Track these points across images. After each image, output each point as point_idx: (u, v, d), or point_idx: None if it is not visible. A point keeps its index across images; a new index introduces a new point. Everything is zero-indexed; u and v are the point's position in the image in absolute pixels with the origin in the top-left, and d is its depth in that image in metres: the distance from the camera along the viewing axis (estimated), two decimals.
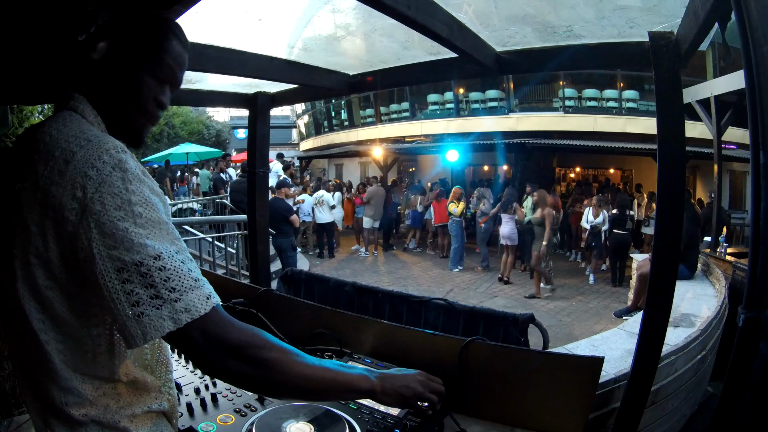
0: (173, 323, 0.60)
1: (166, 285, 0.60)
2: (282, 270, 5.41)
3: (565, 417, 1.13)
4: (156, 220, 0.62)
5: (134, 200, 0.61)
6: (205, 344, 0.64)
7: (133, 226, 0.60)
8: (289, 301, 1.72)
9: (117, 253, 0.59)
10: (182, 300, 0.61)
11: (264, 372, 0.68)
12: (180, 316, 0.61)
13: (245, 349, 0.67)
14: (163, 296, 0.60)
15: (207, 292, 0.64)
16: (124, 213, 0.60)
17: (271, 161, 9.30)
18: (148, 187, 0.64)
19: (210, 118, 20.87)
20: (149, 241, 0.60)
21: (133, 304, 0.59)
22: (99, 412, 0.69)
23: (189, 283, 0.62)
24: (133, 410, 0.72)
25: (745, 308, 1.08)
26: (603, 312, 5.85)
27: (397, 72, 1.91)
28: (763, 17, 0.97)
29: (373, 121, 14.22)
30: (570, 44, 1.53)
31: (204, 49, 1.59)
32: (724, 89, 5.29)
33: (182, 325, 0.61)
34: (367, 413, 1.08)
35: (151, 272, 0.59)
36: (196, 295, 0.62)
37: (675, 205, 1.27)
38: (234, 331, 0.67)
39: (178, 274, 0.61)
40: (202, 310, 0.62)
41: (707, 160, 6.97)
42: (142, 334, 0.60)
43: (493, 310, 1.84)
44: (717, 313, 2.99)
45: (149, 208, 0.62)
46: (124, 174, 0.61)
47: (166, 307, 0.60)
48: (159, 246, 0.61)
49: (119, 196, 0.60)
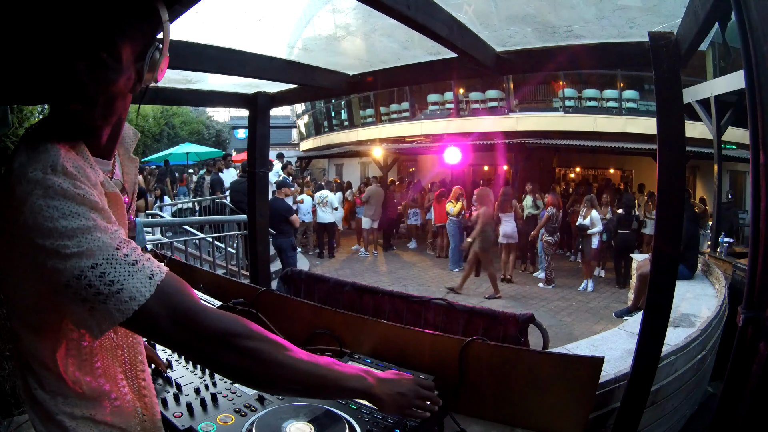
0: (121, 314, 0.62)
1: (103, 280, 0.61)
2: (282, 270, 5.42)
3: (565, 417, 1.13)
4: (82, 227, 0.61)
5: (56, 215, 0.61)
6: (173, 328, 0.65)
7: (60, 239, 0.60)
8: (289, 301, 1.72)
9: (53, 263, 0.60)
10: (124, 289, 0.61)
11: (250, 362, 0.68)
12: (125, 306, 0.61)
13: (226, 337, 0.68)
14: (103, 291, 0.61)
15: (148, 273, 0.64)
16: (48, 230, 0.60)
17: (272, 161, 9.30)
18: (74, 197, 0.62)
19: (210, 118, 20.86)
20: (78, 249, 0.61)
21: (82, 302, 0.61)
22: (50, 402, 0.72)
23: (127, 270, 0.62)
24: (72, 410, 0.72)
25: (745, 308, 1.08)
26: (603, 312, 5.84)
27: (397, 72, 1.91)
28: (763, 17, 0.97)
29: (373, 121, 14.22)
30: (570, 44, 1.54)
31: (204, 49, 1.59)
32: (724, 89, 5.29)
33: (130, 314, 0.62)
34: (367, 413, 1.08)
35: (85, 273, 0.60)
36: (137, 280, 0.63)
37: (675, 205, 1.27)
38: (209, 318, 0.67)
39: (112, 266, 0.62)
40: (147, 293, 0.62)
41: (707, 160, 6.97)
42: (99, 327, 0.63)
43: (493, 310, 1.83)
44: (717, 313, 2.99)
45: (74, 219, 0.61)
46: (45, 191, 0.61)
47: (111, 301, 0.61)
48: (88, 247, 0.61)
49: (41, 213, 0.60)
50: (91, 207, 0.64)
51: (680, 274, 2.57)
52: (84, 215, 0.62)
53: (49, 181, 0.62)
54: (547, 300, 6.43)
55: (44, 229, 0.60)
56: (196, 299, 0.69)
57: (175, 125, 16.87)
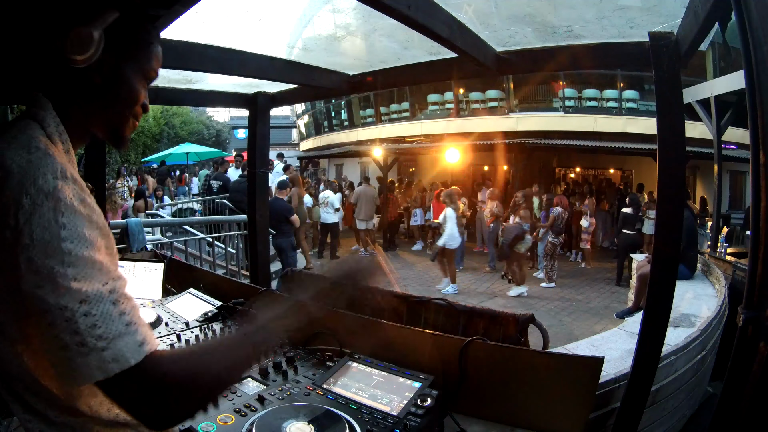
0: (101, 372, 0.56)
1: (92, 332, 0.55)
2: (282, 270, 5.42)
3: (565, 417, 1.13)
4: (87, 258, 0.57)
5: (64, 235, 0.56)
6: (141, 396, 0.59)
7: (60, 265, 0.55)
8: None
9: (42, 293, 0.55)
10: (110, 348, 0.56)
11: (202, 398, 0.65)
12: (108, 366, 0.56)
13: (190, 393, 0.63)
14: (89, 344, 0.55)
15: (140, 339, 0.58)
16: (52, 250, 0.55)
17: (272, 161, 9.31)
18: (85, 217, 0.59)
19: (210, 118, 20.88)
20: (75, 284, 0.56)
21: (61, 348, 0.55)
22: (72, 418, 0.68)
23: (119, 329, 0.57)
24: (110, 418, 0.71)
25: (745, 308, 1.08)
26: (603, 312, 5.84)
27: (397, 72, 1.91)
28: (763, 17, 0.97)
29: (373, 121, 14.22)
30: (570, 44, 1.54)
31: (204, 49, 1.59)
32: (724, 89, 5.29)
33: (111, 375, 0.56)
34: (367, 413, 1.08)
35: (75, 318, 0.55)
36: (126, 343, 0.57)
37: (675, 205, 1.27)
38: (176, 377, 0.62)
39: (105, 320, 0.57)
40: (131, 360, 0.57)
41: (707, 160, 6.98)
42: (73, 378, 0.56)
43: (493, 310, 1.83)
44: (717, 313, 2.99)
45: (80, 244, 0.57)
46: (56, 204, 0.56)
47: (93, 356, 0.55)
48: (87, 289, 0.56)
49: (48, 229, 0.55)
50: (100, 230, 0.60)
51: (680, 274, 2.57)
52: (92, 243, 0.58)
53: (60, 193, 0.57)
54: (547, 300, 6.44)
55: (48, 248, 0.55)
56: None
57: (175, 125, 16.88)
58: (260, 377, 1.26)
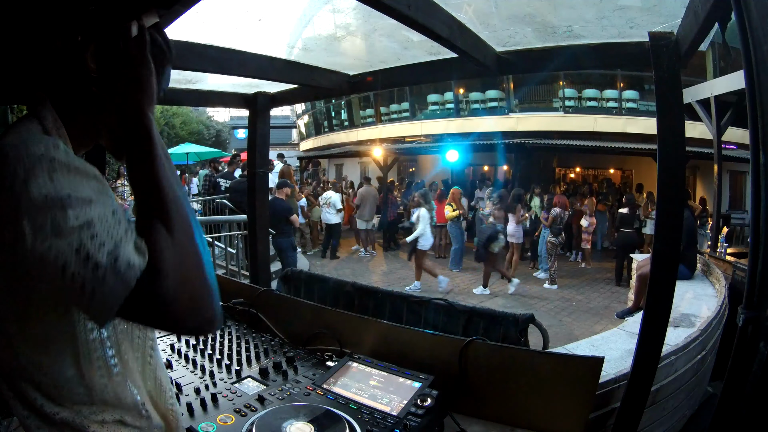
0: (124, 287, 0.57)
1: (103, 250, 0.57)
2: (282, 270, 5.42)
3: (565, 417, 1.13)
4: (85, 198, 0.59)
5: (60, 186, 0.58)
6: (163, 293, 0.59)
7: (61, 210, 0.57)
8: (289, 301, 1.72)
9: (50, 242, 0.56)
10: (120, 257, 0.57)
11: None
12: (127, 276, 0.57)
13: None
14: (101, 262, 0.56)
15: (138, 242, 0.60)
16: (51, 201, 0.57)
17: (273, 161, 9.30)
18: (81, 173, 0.61)
19: (210, 118, 20.87)
20: (77, 221, 0.57)
21: (81, 286, 0.56)
22: (70, 414, 0.69)
23: (121, 234, 0.59)
24: (105, 417, 0.71)
25: (745, 308, 1.08)
26: (603, 312, 5.84)
27: (397, 72, 1.91)
28: (763, 17, 0.97)
29: (373, 122, 14.22)
30: (570, 44, 1.53)
31: (204, 49, 1.59)
32: (724, 89, 5.29)
33: (133, 283, 0.57)
34: (367, 413, 1.08)
35: (84, 244, 0.56)
36: (132, 247, 0.59)
37: (675, 205, 1.27)
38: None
39: (109, 232, 0.58)
40: (143, 262, 0.58)
41: (707, 160, 6.98)
42: (104, 308, 0.58)
43: (493, 310, 1.84)
44: (717, 313, 2.98)
45: (78, 189, 0.59)
46: (50, 164, 0.59)
47: (110, 273, 0.56)
48: (88, 217, 0.58)
49: (45, 186, 0.57)
50: (94, 177, 0.62)
51: (680, 274, 2.57)
52: (86, 186, 0.60)
53: (54, 154, 0.60)
54: (547, 300, 6.43)
55: (47, 201, 0.57)
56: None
57: (175, 125, 16.87)
58: (260, 377, 1.26)
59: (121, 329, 0.77)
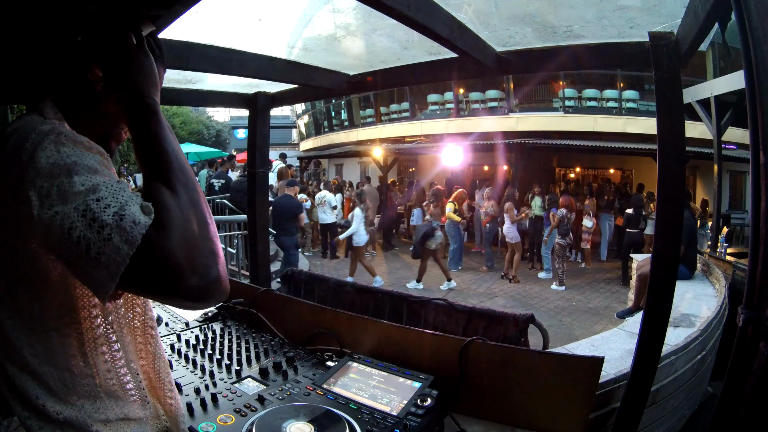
0: (129, 246, 0.57)
1: (108, 211, 0.57)
2: (282, 269, 5.42)
3: (566, 417, 1.13)
4: (90, 166, 0.61)
5: (66, 155, 0.60)
6: (168, 254, 0.58)
7: (67, 176, 0.59)
8: (289, 301, 1.72)
9: (57, 208, 0.58)
10: (126, 216, 0.57)
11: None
12: (133, 233, 0.57)
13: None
14: (107, 222, 0.57)
15: (141, 203, 0.61)
16: (58, 168, 0.59)
17: (273, 161, 9.30)
18: (86, 147, 0.63)
19: (210, 118, 20.87)
20: (82, 186, 0.59)
21: (86, 249, 0.57)
22: (75, 412, 0.69)
23: (126, 198, 0.59)
24: (108, 415, 0.71)
25: (745, 308, 1.08)
26: (603, 312, 5.84)
27: (397, 72, 1.91)
28: (763, 17, 0.97)
29: (373, 121, 14.22)
30: (570, 44, 1.53)
31: (204, 49, 1.59)
32: (724, 89, 5.29)
33: (139, 239, 0.57)
34: (367, 413, 1.08)
35: (90, 208, 0.57)
36: (137, 206, 0.59)
37: (675, 205, 1.27)
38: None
39: (114, 196, 0.59)
40: (148, 219, 0.58)
41: (707, 160, 6.98)
42: (108, 274, 0.57)
43: (493, 310, 1.84)
44: (717, 313, 2.98)
45: (83, 159, 0.61)
46: (57, 137, 0.62)
47: (116, 232, 0.57)
48: (93, 182, 0.59)
49: (51, 156, 0.60)
50: (98, 152, 0.65)
51: (680, 274, 2.57)
52: (91, 158, 0.62)
53: (60, 129, 0.63)
54: (547, 300, 6.43)
55: (54, 169, 0.59)
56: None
57: (175, 125, 16.85)
58: (260, 377, 1.26)
59: (122, 314, 0.77)
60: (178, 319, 1.69)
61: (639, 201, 7.31)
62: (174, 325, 1.64)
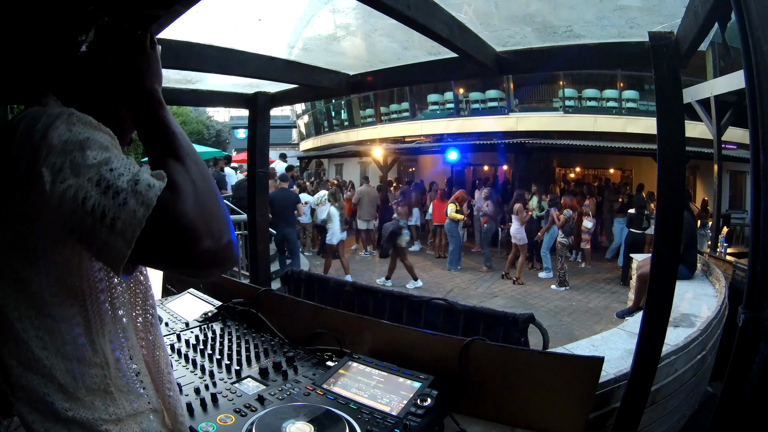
0: (145, 207, 0.57)
1: (122, 178, 0.59)
2: (282, 269, 5.42)
3: (566, 417, 1.13)
4: (102, 143, 0.62)
5: (78, 132, 0.62)
6: (183, 220, 0.59)
7: (80, 151, 0.60)
8: (289, 301, 1.72)
9: (70, 181, 0.58)
10: (141, 180, 0.59)
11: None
12: (148, 195, 0.58)
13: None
14: (122, 187, 0.58)
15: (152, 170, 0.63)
16: (71, 145, 0.60)
17: (273, 161, 9.31)
18: (96, 128, 0.65)
19: (210, 118, 20.85)
20: (95, 160, 0.60)
21: (101, 216, 0.57)
22: (85, 411, 0.68)
23: (138, 168, 0.61)
24: (117, 413, 0.71)
25: (745, 308, 1.08)
26: (603, 312, 5.84)
27: (397, 72, 1.91)
28: (763, 17, 0.97)
29: (373, 121, 14.22)
30: (570, 44, 1.53)
31: (204, 49, 1.59)
32: (724, 89, 5.28)
33: (154, 201, 0.58)
34: (367, 413, 1.08)
35: (104, 177, 0.59)
36: (149, 174, 0.61)
37: (675, 206, 1.27)
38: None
39: (126, 167, 0.60)
40: (162, 183, 0.60)
41: (707, 160, 6.98)
42: (124, 240, 0.57)
43: (493, 310, 1.84)
44: (717, 313, 2.98)
45: (95, 135, 0.63)
46: (68, 117, 0.63)
47: (131, 196, 0.58)
48: (105, 156, 0.61)
49: (64, 134, 0.61)
50: (108, 133, 0.66)
51: (680, 274, 2.57)
52: (103, 137, 0.64)
53: (70, 110, 0.65)
54: (547, 300, 6.43)
55: (67, 145, 0.60)
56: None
57: None
58: (260, 377, 1.26)
59: (126, 300, 0.77)
60: (178, 319, 1.69)
61: (641, 201, 7.32)
62: (174, 325, 1.64)
